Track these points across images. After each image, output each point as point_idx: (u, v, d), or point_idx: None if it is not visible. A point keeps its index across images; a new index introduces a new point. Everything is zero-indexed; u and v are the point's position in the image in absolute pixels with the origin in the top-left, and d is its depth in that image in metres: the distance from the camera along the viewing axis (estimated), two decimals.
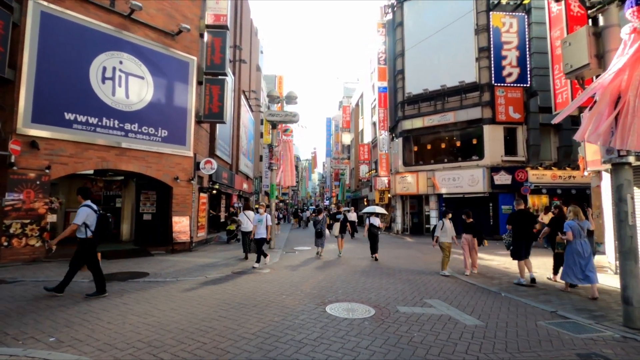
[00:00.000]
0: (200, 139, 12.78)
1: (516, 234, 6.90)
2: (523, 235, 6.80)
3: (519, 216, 6.93)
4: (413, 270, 8.32)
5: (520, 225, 6.85)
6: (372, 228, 10.40)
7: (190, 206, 11.65)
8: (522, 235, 6.82)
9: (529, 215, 7.05)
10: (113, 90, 10.01)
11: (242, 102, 21.78)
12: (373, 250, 10.18)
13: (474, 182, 17.87)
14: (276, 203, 41.54)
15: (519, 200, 7.42)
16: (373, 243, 10.22)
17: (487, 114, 17.97)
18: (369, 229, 10.41)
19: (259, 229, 8.70)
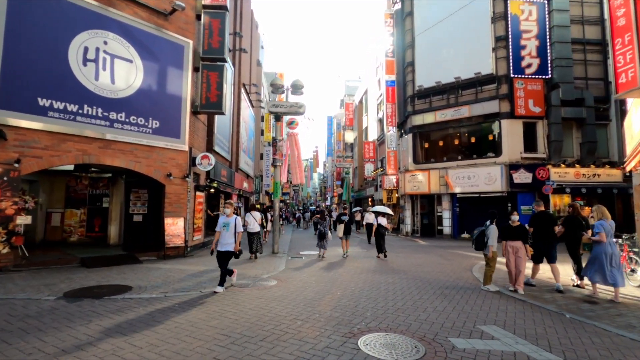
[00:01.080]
0: (197, 132, 11.55)
1: (537, 237, 6.64)
2: (543, 238, 6.52)
3: (539, 218, 6.69)
4: (445, 282, 7.10)
5: (540, 227, 6.57)
6: (380, 228, 10.64)
7: (185, 206, 10.42)
8: (542, 238, 6.55)
9: (549, 217, 6.76)
10: (96, 74, 8.78)
11: (243, 96, 20.55)
12: (379, 249, 10.50)
13: (491, 180, 16.67)
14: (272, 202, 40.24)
15: (538, 201, 7.10)
16: (380, 243, 10.50)
17: (505, 107, 16.77)
18: (377, 229, 10.66)
19: (224, 237, 6.10)
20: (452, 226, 18.20)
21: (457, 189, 17.67)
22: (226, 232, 6.12)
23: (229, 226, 6.15)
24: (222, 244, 6.12)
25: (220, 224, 6.22)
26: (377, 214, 11.36)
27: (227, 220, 6.24)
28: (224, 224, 6.17)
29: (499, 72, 17.01)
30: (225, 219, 6.25)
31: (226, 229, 6.13)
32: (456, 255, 11.27)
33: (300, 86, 11.87)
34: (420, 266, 9.02)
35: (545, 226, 6.59)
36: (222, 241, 6.12)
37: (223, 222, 6.22)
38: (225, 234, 6.12)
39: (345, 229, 10.88)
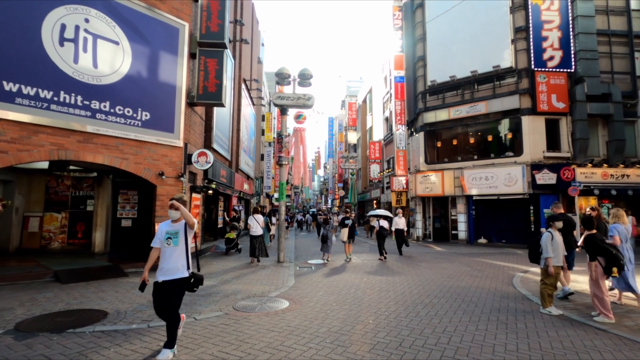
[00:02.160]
0: (193, 127, 10.32)
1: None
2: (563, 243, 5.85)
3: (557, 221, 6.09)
4: (492, 302, 5.85)
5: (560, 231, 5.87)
6: (382, 230, 11.20)
7: None
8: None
9: (569, 220, 6.36)
10: (75, 56, 7.54)
11: (243, 92, 19.35)
12: (381, 251, 10.95)
13: (511, 181, 15.46)
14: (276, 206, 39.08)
15: (557, 204, 6.70)
16: (381, 244, 11.04)
17: (526, 103, 15.60)
18: (379, 232, 11.18)
19: (169, 257, 3.61)
20: (467, 231, 16.98)
21: (474, 190, 16.46)
22: (172, 249, 3.58)
23: (176, 238, 3.60)
24: (165, 270, 3.55)
25: (159, 234, 3.65)
26: (378, 217, 11.96)
27: (173, 227, 3.65)
28: (168, 235, 3.60)
29: (519, 66, 15.86)
30: (169, 226, 3.67)
31: (172, 243, 3.58)
32: (484, 264, 10.04)
33: (308, 76, 10.66)
34: (452, 279, 7.77)
35: (564, 230, 6.07)
36: (165, 265, 3.55)
37: (166, 230, 3.63)
38: (169, 251, 3.57)
39: (349, 233, 10.90)
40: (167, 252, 3.60)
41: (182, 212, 3.58)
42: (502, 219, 16.37)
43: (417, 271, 8.82)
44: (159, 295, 3.59)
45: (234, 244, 11.85)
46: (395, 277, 7.92)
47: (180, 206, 3.58)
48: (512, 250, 14.14)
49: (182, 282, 3.63)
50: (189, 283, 3.68)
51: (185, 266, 3.65)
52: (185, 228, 3.68)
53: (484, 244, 16.25)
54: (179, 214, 3.62)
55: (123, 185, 10.29)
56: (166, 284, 3.56)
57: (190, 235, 3.75)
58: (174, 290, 3.58)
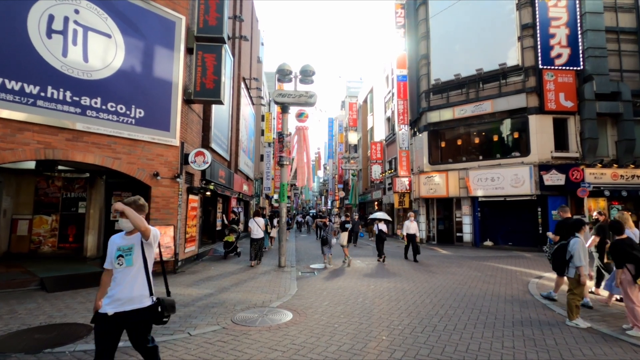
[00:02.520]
0: (190, 126, 9.87)
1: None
2: None
3: (566, 225, 5.99)
4: (511, 313, 5.41)
5: (567, 236, 5.70)
6: (380, 234, 11.34)
7: (175, 212, 8.71)
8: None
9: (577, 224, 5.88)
10: (64, 49, 7.09)
11: (243, 91, 18.92)
12: (380, 253, 11.08)
13: (518, 182, 15.03)
14: (275, 208, 38.74)
15: (564, 207, 6.55)
16: (380, 247, 11.16)
17: (533, 102, 15.19)
18: (378, 234, 11.32)
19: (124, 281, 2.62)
20: (473, 233, 16.54)
21: (479, 191, 16.04)
22: (125, 270, 2.62)
23: (130, 255, 2.64)
24: (116, 299, 2.58)
25: (110, 251, 2.70)
26: (377, 220, 11.94)
27: (126, 241, 2.69)
28: (121, 252, 2.64)
29: (526, 64, 15.45)
30: (121, 240, 2.71)
31: (125, 262, 2.63)
32: (495, 269, 9.60)
33: (310, 72, 10.23)
34: (464, 286, 7.32)
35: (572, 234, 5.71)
36: (117, 291, 2.59)
37: (119, 246, 2.67)
38: (122, 274, 2.62)
39: (349, 236, 11.09)
40: (119, 275, 2.59)
41: (130, 217, 2.52)
42: (508, 221, 15.94)
43: (425, 277, 8.37)
44: (106, 334, 2.54)
45: (233, 247, 11.40)
46: (404, 284, 7.46)
47: (126, 209, 2.52)
48: (520, 253, 13.70)
49: (144, 314, 2.62)
50: (155, 313, 2.67)
51: (147, 291, 2.66)
52: (142, 245, 2.66)
53: (490, 247, 15.82)
54: (126, 223, 2.61)
55: (117, 187, 9.83)
56: (120, 318, 2.54)
57: (151, 250, 2.74)
58: (133, 325, 2.62)
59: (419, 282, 7.67)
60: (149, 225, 2.68)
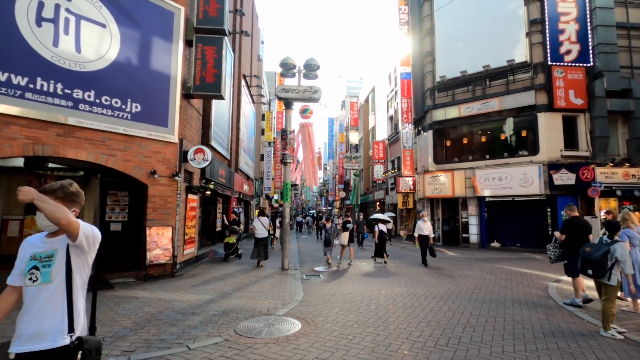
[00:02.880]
0: (190, 122, 9.44)
1: (570, 246, 5.77)
2: (577, 248, 5.43)
3: (573, 225, 5.86)
4: (537, 321, 4.99)
5: (574, 235, 5.77)
6: (382, 234, 11.19)
7: (173, 212, 8.27)
8: (575, 248, 5.52)
9: (584, 223, 5.95)
10: (55, 39, 6.65)
11: (243, 89, 18.49)
12: (379, 253, 11.03)
13: (527, 182, 14.63)
14: (276, 208, 38.26)
15: (571, 206, 6.22)
16: (381, 247, 11.04)
17: (542, 99, 14.79)
18: (380, 235, 11.17)
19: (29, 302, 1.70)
20: (479, 234, 16.12)
21: (486, 191, 15.63)
22: (38, 289, 1.71)
23: (48, 267, 1.73)
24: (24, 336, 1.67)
25: (20, 259, 1.78)
26: (377, 221, 11.77)
27: (45, 246, 1.78)
28: (36, 261, 1.74)
29: (534, 60, 15.06)
30: (40, 244, 1.79)
31: (41, 277, 1.72)
32: (509, 272, 9.18)
33: (314, 66, 9.80)
34: (481, 291, 6.89)
35: (579, 234, 5.77)
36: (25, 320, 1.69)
37: (35, 252, 1.76)
38: (33, 294, 1.71)
39: (349, 237, 10.96)
40: (29, 297, 1.72)
41: (43, 208, 1.62)
42: (516, 221, 15.53)
43: (437, 281, 7.95)
44: None
45: (234, 249, 10.95)
46: (417, 289, 7.03)
47: (35, 196, 1.63)
48: (530, 255, 13.28)
49: (56, 357, 1.68)
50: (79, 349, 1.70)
51: (64, 324, 1.71)
52: (66, 251, 1.76)
53: (498, 248, 15.40)
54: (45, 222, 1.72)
55: (112, 186, 9.37)
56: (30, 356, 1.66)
57: (83, 259, 1.81)
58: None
59: (431, 287, 7.24)
60: (77, 220, 1.73)
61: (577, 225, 5.83)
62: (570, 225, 5.88)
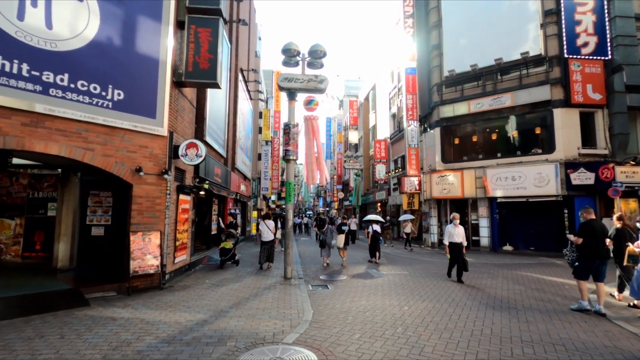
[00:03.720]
0: (181, 114, 8.45)
1: (585, 250, 5.61)
2: (593, 252, 5.52)
3: (591, 228, 5.62)
4: (610, 354, 4.08)
5: (591, 239, 5.55)
6: (375, 234, 11.58)
7: (162, 215, 7.27)
8: (592, 252, 5.52)
9: (601, 227, 5.75)
10: (20, 11, 5.64)
11: (240, 84, 17.51)
12: (372, 253, 11.49)
13: (542, 181, 13.79)
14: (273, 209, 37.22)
15: (587, 208, 5.99)
16: (374, 247, 11.46)
17: (557, 94, 13.96)
18: (373, 235, 11.55)
19: None
20: (490, 237, 15.25)
21: (498, 192, 14.77)
22: None
23: None
24: None
25: None
26: (371, 222, 12.01)
27: None
28: None
29: (550, 53, 14.23)
30: None
31: None
32: (536, 281, 8.31)
33: (320, 53, 8.85)
34: (518, 304, 5.98)
35: (597, 238, 5.54)
36: None
37: None
38: None
39: (345, 239, 10.76)
40: None
41: None
42: (530, 223, 14.69)
43: (462, 292, 7.03)
44: None
45: (231, 254, 9.96)
46: (443, 303, 6.10)
47: None
48: (547, 259, 12.42)
49: None
50: None
51: None
52: None
53: (511, 252, 14.54)
54: None
55: (94, 185, 8.37)
56: None
57: None
58: None
59: (458, 300, 6.32)
60: None
61: (594, 228, 5.57)
62: (588, 229, 5.61)
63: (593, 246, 5.47)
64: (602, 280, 5.52)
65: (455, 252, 8.13)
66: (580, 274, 5.63)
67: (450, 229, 8.27)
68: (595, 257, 5.47)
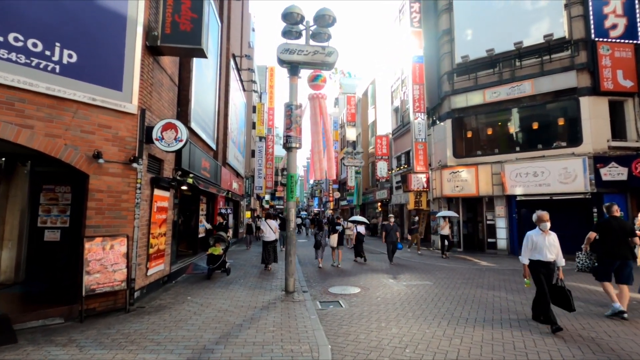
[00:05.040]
0: (159, 90, 6.84)
1: (606, 250, 5.21)
2: (610, 251, 5.13)
3: (607, 227, 5.24)
4: None
5: (609, 237, 5.18)
6: (359, 236, 11.80)
7: (130, 215, 5.65)
8: (608, 251, 5.15)
9: (619, 224, 5.25)
10: None
11: (233, 72, 15.90)
12: (357, 254, 11.79)
13: (568, 177, 12.45)
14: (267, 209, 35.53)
15: (612, 205, 5.46)
16: (359, 248, 11.72)
17: (584, 81, 12.64)
18: (357, 237, 11.79)
19: None
20: (508, 238, 13.87)
21: (518, 189, 13.40)
22: None
23: None
24: None
25: None
26: (356, 223, 12.14)
27: None
28: None
29: (575, 36, 12.91)
30: None
31: None
32: (585, 291, 6.88)
33: (329, 19, 7.31)
34: (586, 324, 4.53)
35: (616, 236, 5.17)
36: None
37: None
38: None
39: (338, 239, 10.93)
40: None
41: None
42: (553, 224, 13.11)
43: (514, 310, 5.56)
44: None
45: (220, 262, 8.37)
46: (501, 328, 4.61)
47: None
48: (574, 263, 11.03)
49: None
50: None
51: None
52: None
53: None
54: None
55: (49, 178, 6.72)
56: None
57: None
58: None
59: (511, 321, 4.83)
60: None
61: (611, 226, 5.27)
62: (604, 228, 5.37)
63: (609, 245, 5.19)
64: (625, 282, 5.09)
65: (545, 274, 4.78)
66: (601, 275, 5.33)
67: (535, 237, 5.02)
68: (614, 257, 5.16)
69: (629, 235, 5.27)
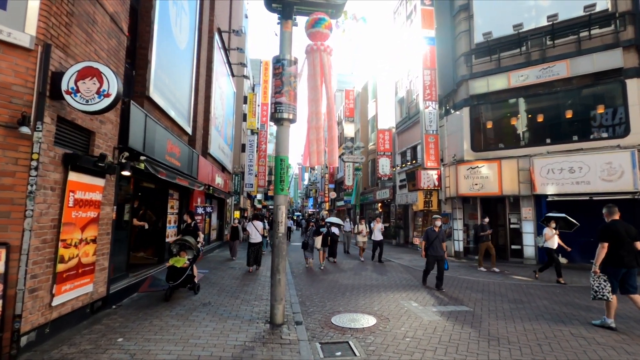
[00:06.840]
0: (84, 25, 4.67)
1: (611, 257, 4.78)
2: (621, 259, 4.72)
3: (612, 230, 4.86)
4: None
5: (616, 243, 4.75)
6: (333, 236, 11.93)
7: (18, 212, 3.46)
8: (619, 260, 4.74)
9: (626, 228, 4.86)
10: None
11: (219, 51, 13.73)
12: (331, 254, 12.13)
13: (612, 174, 10.49)
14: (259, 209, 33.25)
15: (612, 207, 5.13)
16: (332, 249, 12.01)
17: (632, 60, 10.71)
18: (331, 237, 11.63)
19: None
20: (537, 245, 11.86)
21: (550, 187, 11.41)
22: None
23: None
24: None
25: None
26: (330, 224, 12.10)
27: None
28: None
29: (619, 8, 10.99)
30: None
31: None
32: None
33: None
34: None
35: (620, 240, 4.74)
36: None
37: None
38: None
39: (322, 241, 10.91)
40: None
41: None
42: (592, 228, 11.31)
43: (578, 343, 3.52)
44: None
45: (185, 277, 6.17)
46: None
47: None
48: None
49: None
50: None
51: None
52: None
53: (564, 265, 11.16)
54: None
55: None
56: None
57: None
58: None
59: None
60: None
61: (619, 231, 4.80)
62: (613, 232, 4.83)
63: (615, 252, 4.77)
64: (634, 292, 4.72)
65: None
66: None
67: None
68: (620, 265, 4.76)
69: (634, 240, 4.82)
